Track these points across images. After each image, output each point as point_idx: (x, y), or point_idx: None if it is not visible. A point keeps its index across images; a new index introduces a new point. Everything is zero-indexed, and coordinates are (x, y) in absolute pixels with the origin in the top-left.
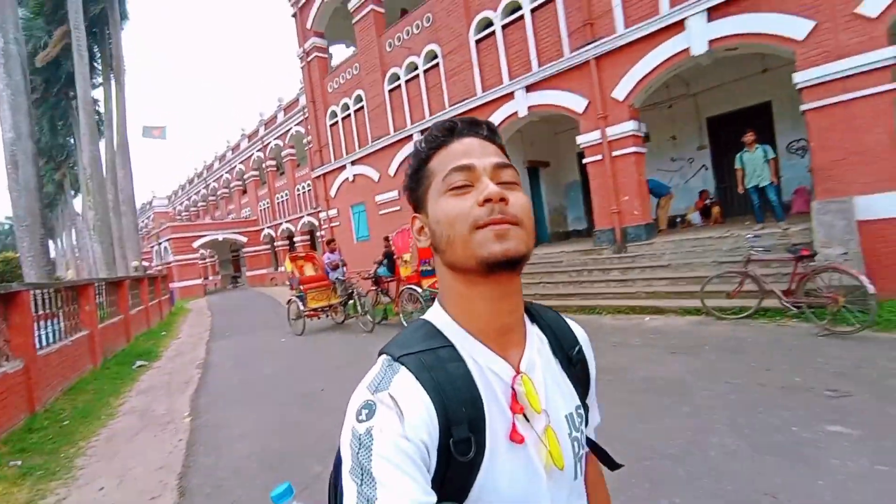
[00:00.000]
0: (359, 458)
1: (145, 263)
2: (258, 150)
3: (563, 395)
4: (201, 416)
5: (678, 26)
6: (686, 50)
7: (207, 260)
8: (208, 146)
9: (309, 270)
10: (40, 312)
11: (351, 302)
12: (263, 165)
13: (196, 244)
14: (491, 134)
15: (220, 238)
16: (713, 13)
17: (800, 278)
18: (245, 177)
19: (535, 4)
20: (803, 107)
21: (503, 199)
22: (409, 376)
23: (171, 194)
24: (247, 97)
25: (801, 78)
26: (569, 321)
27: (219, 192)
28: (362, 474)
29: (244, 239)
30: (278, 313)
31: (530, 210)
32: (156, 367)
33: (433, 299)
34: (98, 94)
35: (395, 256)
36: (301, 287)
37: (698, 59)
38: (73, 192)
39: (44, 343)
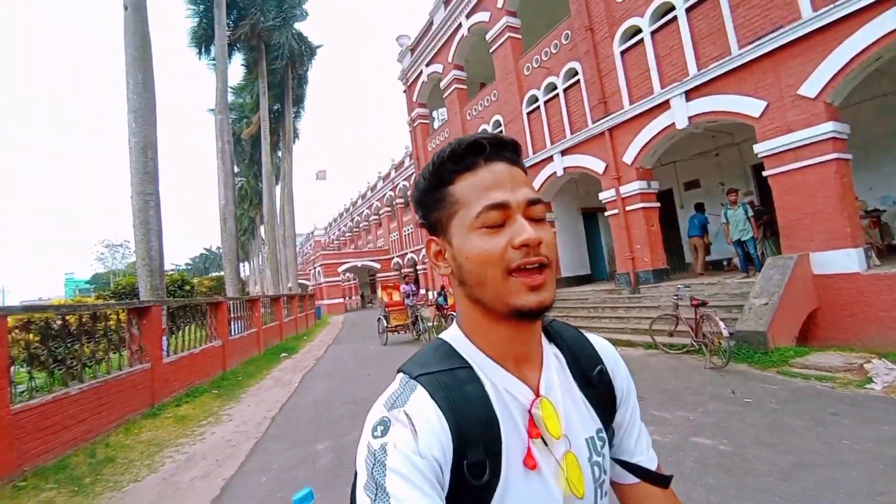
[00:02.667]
0: (373, 473)
1: (307, 282)
2: (390, 190)
3: (583, 418)
4: (303, 383)
5: (665, 105)
6: (672, 125)
7: (350, 282)
8: (355, 186)
9: (396, 297)
10: (232, 315)
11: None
12: (394, 202)
13: (340, 269)
14: (516, 157)
15: (359, 265)
16: (690, 94)
17: (696, 323)
18: (380, 212)
19: (566, 84)
20: (765, 173)
21: (540, 243)
22: (426, 395)
23: (327, 225)
24: (384, 145)
25: (760, 148)
26: (591, 338)
27: (361, 225)
28: (376, 489)
29: (378, 266)
30: None
31: (555, 248)
32: (293, 358)
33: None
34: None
35: (444, 289)
36: (386, 309)
37: (682, 132)
38: (261, 226)
39: (233, 333)
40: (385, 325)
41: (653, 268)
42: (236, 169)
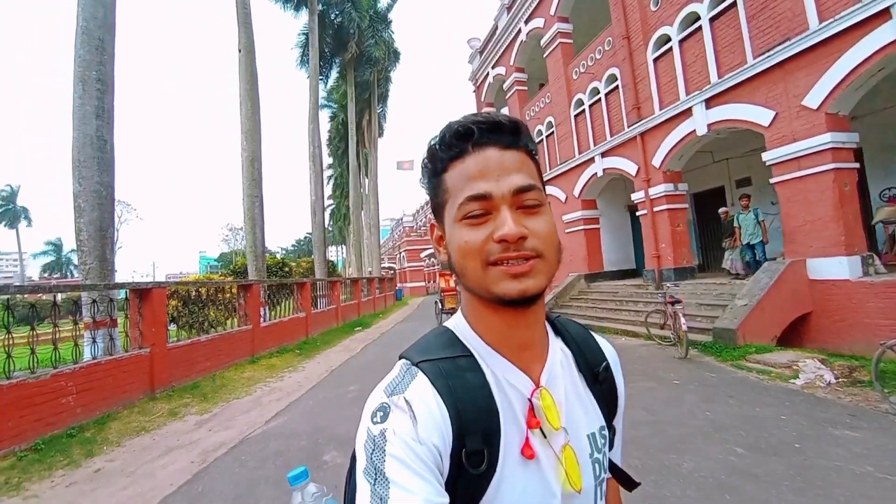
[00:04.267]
0: (372, 458)
1: (395, 265)
2: None
3: (587, 413)
4: (362, 351)
5: (688, 112)
6: (693, 131)
7: (434, 267)
8: None
9: (451, 283)
10: (318, 293)
11: None
12: None
13: (422, 255)
14: (514, 138)
15: None
16: (709, 102)
17: (671, 318)
18: None
19: (608, 90)
20: (772, 180)
21: (521, 238)
22: (426, 382)
23: (415, 212)
24: None
25: (768, 157)
26: (597, 337)
27: None
28: (376, 474)
29: None
30: None
31: (553, 237)
32: (364, 331)
33: None
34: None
35: None
36: (442, 294)
37: (704, 139)
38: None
39: (317, 307)
40: (440, 307)
41: (675, 266)
42: (331, 161)
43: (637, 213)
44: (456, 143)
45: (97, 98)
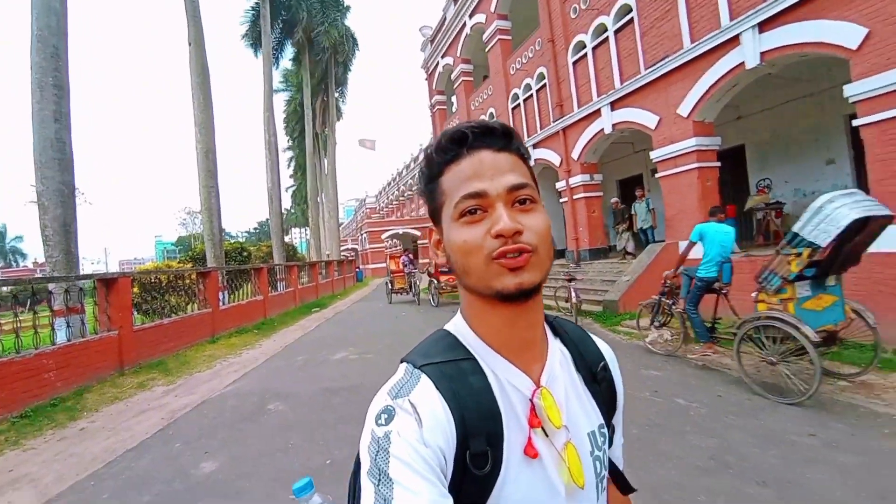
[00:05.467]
0: (377, 460)
1: (357, 247)
2: None
3: (586, 412)
4: (316, 328)
5: (598, 112)
6: (602, 130)
7: (397, 248)
8: (404, 154)
9: (400, 265)
10: (277, 276)
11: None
12: None
13: (383, 236)
14: (506, 142)
15: (401, 232)
16: (614, 105)
17: (573, 294)
18: None
19: (538, 86)
20: (657, 175)
21: (517, 233)
22: (430, 385)
23: (378, 193)
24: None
25: (654, 155)
26: (594, 338)
27: (406, 194)
28: (380, 475)
29: (418, 233)
30: None
31: (547, 232)
32: (321, 311)
33: (443, 288)
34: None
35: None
36: (391, 275)
37: (611, 136)
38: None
39: (277, 290)
40: (390, 287)
41: (591, 247)
42: (290, 143)
43: (560, 201)
44: (451, 147)
45: (55, 102)
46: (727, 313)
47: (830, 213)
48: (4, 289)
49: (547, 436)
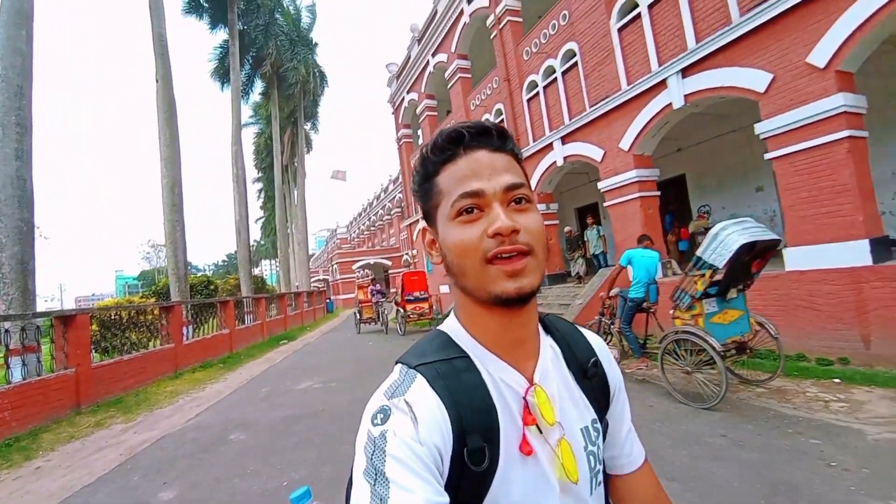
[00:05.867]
0: (373, 459)
1: (328, 277)
2: (399, 192)
3: (578, 408)
4: (282, 361)
5: (550, 147)
6: (554, 163)
7: (367, 278)
8: (374, 185)
9: (368, 295)
10: (245, 309)
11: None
12: (403, 203)
13: (354, 266)
14: (502, 143)
15: (372, 262)
16: (564, 140)
17: None
18: (391, 212)
19: (498, 121)
20: (605, 204)
21: (514, 231)
22: (425, 384)
23: (349, 223)
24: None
25: (601, 185)
26: (585, 333)
27: (377, 224)
28: (375, 475)
29: (390, 262)
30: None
31: (543, 233)
32: (289, 344)
33: (409, 316)
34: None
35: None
36: (360, 304)
37: (563, 168)
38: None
39: (245, 323)
40: (358, 317)
41: (548, 273)
42: (259, 175)
43: None
44: (448, 146)
45: (17, 141)
46: (657, 330)
47: (724, 239)
48: None
49: (541, 433)
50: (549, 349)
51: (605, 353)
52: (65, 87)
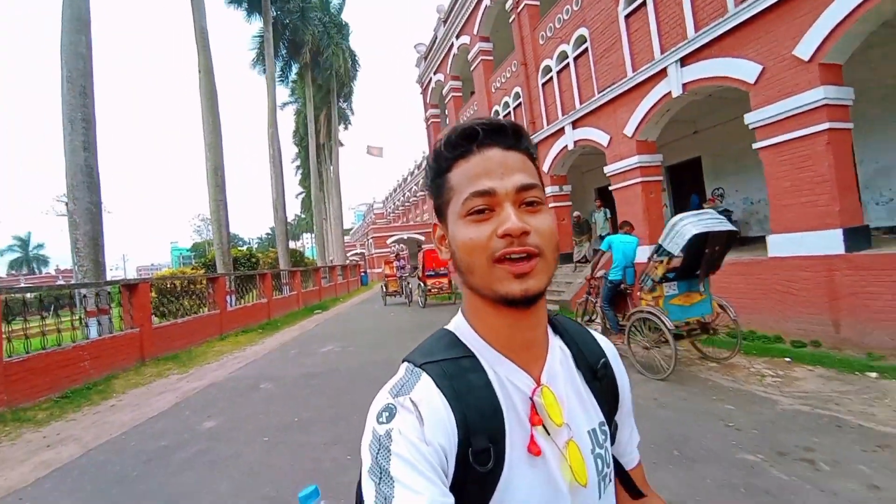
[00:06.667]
0: (378, 458)
1: (364, 251)
2: None
3: (586, 410)
4: (314, 328)
5: (562, 131)
6: (566, 147)
7: (403, 252)
8: (410, 161)
9: (393, 269)
10: (282, 281)
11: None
12: None
13: (389, 241)
14: (516, 141)
15: (405, 237)
16: (575, 124)
17: None
18: (424, 189)
19: (515, 104)
20: (611, 188)
21: (524, 233)
22: (431, 383)
23: (385, 199)
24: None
25: (608, 170)
26: (595, 335)
27: (411, 200)
28: (381, 473)
29: (423, 238)
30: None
31: (553, 234)
32: (323, 313)
33: (430, 290)
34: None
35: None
36: (386, 278)
37: (574, 152)
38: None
39: (282, 293)
40: (385, 290)
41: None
42: (298, 152)
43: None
44: (461, 143)
45: (83, 134)
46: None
47: (679, 229)
48: (29, 295)
49: (549, 434)
50: (557, 350)
51: (614, 355)
52: (121, 77)
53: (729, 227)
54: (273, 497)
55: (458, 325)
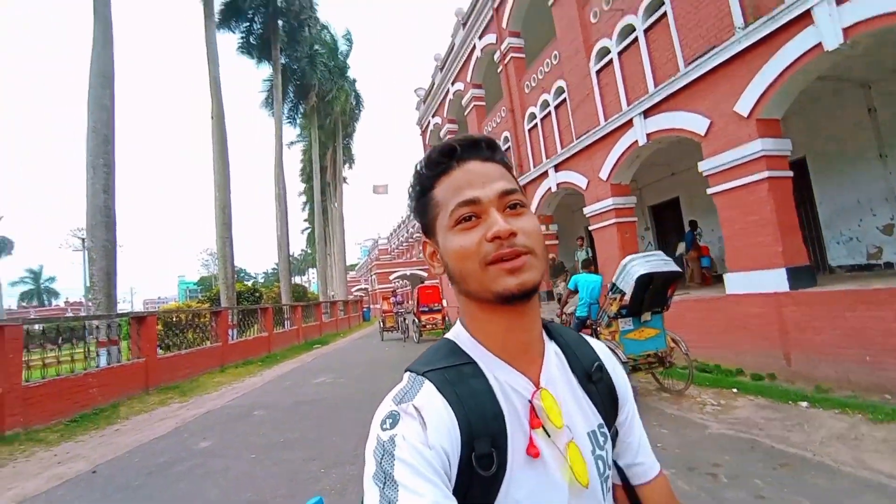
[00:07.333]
0: (382, 463)
1: (367, 286)
2: None
3: (583, 413)
4: (312, 361)
5: (546, 174)
6: (549, 189)
7: (406, 288)
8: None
9: (390, 305)
10: (284, 316)
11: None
12: None
13: (391, 277)
14: (491, 152)
15: (408, 273)
16: (557, 168)
17: None
18: None
19: (505, 147)
20: (590, 228)
21: (512, 234)
22: (433, 390)
23: (389, 235)
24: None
25: (586, 210)
26: (589, 340)
27: (413, 236)
28: (385, 478)
29: (425, 274)
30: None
31: (539, 234)
32: (322, 348)
33: (425, 326)
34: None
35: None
36: (383, 314)
37: (557, 194)
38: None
39: (282, 328)
40: (382, 325)
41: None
42: (305, 189)
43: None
44: (442, 160)
45: (104, 178)
46: None
47: (629, 269)
48: (36, 327)
49: (549, 436)
50: (553, 354)
51: (610, 359)
52: (137, 116)
53: (673, 268)
54: (255, 501)
55: (458, 333)
